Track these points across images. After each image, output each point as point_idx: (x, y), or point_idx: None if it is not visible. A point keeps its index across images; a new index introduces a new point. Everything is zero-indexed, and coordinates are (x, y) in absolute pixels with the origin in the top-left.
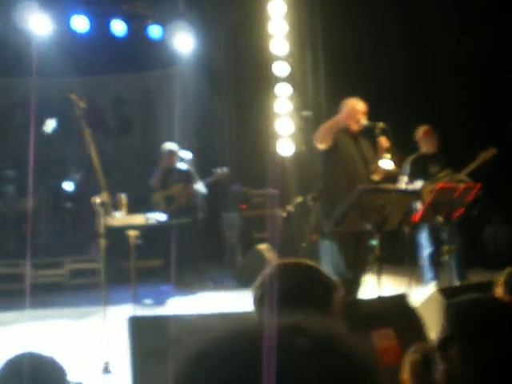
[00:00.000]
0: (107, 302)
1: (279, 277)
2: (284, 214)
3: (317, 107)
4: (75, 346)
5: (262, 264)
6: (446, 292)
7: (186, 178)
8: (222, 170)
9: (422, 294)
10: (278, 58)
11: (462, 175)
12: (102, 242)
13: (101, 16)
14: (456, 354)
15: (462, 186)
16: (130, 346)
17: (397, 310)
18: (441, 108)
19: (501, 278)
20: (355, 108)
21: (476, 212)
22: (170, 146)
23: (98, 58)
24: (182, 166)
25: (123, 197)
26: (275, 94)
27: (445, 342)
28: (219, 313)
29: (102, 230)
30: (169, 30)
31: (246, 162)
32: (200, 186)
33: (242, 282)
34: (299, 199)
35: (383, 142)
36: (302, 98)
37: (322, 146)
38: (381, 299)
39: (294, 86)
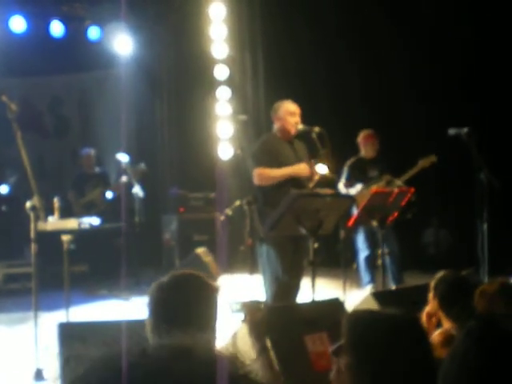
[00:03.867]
0: (40, 307)
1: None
2: (222, 218)
3: (256, 111)
4: (7, 353)
5: (200, 268)
6: (379, 295)
7: (103, 181)
8: (139, 166)
9: (357, 298)
10: (218, 61)
11: (401, 181)
12: (34, 247)
13: (39, 17)
14: (345, 362)
15: (396, 190)
16: (59, 352)
17: (331, 314)
18: (381, 112)
19: (431, 283)
20: (289, 111)
21: (410, 216)
22: (87, 150)
23: (35, 58)
24: (98, 169)
25: (56, 200)
26: (215, 98)
27: (337, 349)
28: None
29: (33, 234)
30: (107, 32)
31: (185, 165)
32: (137, 190)
33: None
34: (237, 203)
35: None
36: (241, 102)
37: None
38: (315, 303)
39: (233, 90)
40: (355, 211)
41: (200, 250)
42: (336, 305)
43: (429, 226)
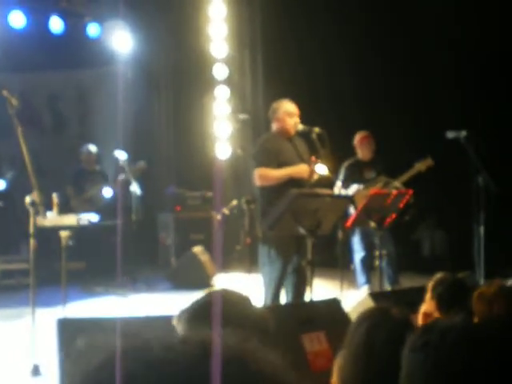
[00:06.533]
0: (37, 303)
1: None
2: (219, 217)
3: (255, 110)
4: (4, 348)
5: (196, 267)
6: (377, 296)
7: (102, 179)
8: (139, 164)
9: (354, 299)
10: (217, 61)
11: (397, 183)
12: (32, 243)
13: (38, 12)
14: (341, 363)
15: (394, 192)
16: (58, 348)
17: (329, 314)
18: (380, 113)
19: (429, 284)
20: (288, 112)
21: (408, 218)
22: (88, 147)
23: (34, 54)
24: (98, 167)
25: (54, 196)
26: (214, 97)
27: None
28: (150, 316)
29: (32, 229)
30: (107, 29)
31: (183, 164)
32: (135, 187)
33: (176, 284)
34: (234, 202)
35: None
36: (240, 101)
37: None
38: (313, 303)
39: (232, 89)
40: (352, 212)
41: (196, 249)
42: (334, 304)
43: (425, 228)
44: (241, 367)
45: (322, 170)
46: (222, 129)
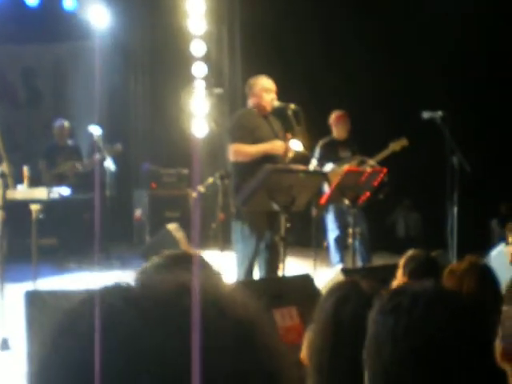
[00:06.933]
0: (7, 279)
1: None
2: (194, 195)
3: (232, 86)
4: None
5: (170, 243)
6: (349, 274)
7: (76, 154)
8: (115, 146)
9: (327, 276)
10: (194, 37)
11: (372, 162)
12: (1, 214)
13: None
14: (311, 336)
15: (368, 170)
16: (26, 320)
17: (301, 289)
18: (356, 92)
19: (401, 261)
20: (265, 88)
21: (382, 196)
22: (61, 121)
23: (9, 27)
24: (70, 142)
25: (25, 169)
26: (191, 73)
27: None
28: None
29: (0, 202)
30: (83, 2)
31: (159, 141)
32: (109, 163)
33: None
34: (210, 180)
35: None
36: (218, 78)
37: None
38: (285, 278)
39: (210, 66)
40: (327, 189)
41: (171, 226)
42: (306, 280)
43: (399, 207)
44: (216, 311)
45: (297, 146)
46: (198, 106)
